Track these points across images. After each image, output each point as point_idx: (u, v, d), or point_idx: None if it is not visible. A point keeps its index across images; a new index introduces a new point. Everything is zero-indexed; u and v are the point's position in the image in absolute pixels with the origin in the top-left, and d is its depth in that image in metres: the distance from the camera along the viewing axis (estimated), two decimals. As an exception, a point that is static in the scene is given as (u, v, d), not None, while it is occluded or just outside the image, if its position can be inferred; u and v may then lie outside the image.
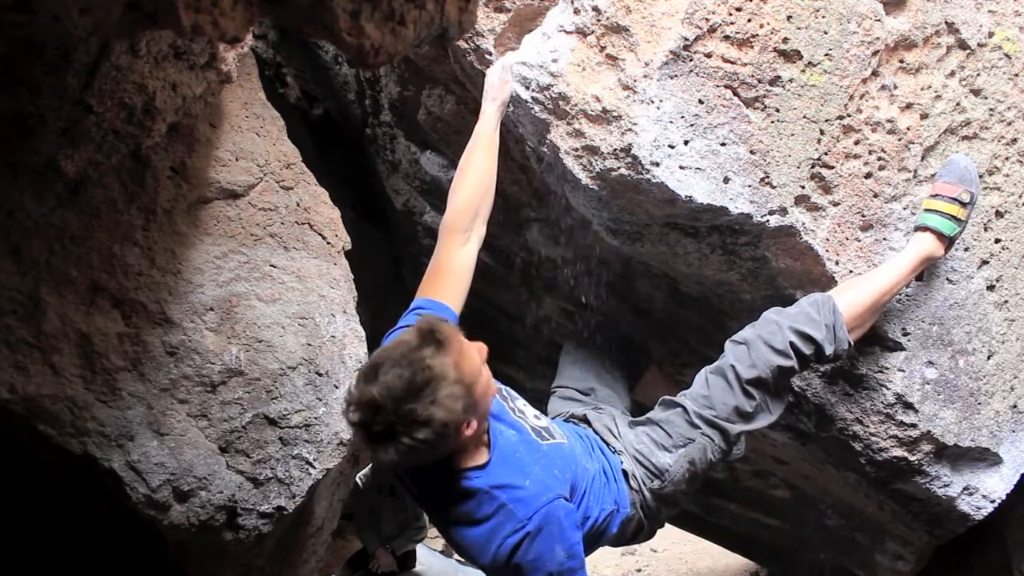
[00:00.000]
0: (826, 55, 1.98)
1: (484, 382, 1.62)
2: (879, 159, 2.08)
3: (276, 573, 2.66)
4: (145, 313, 2.12)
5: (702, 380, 2.02)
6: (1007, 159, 2.24)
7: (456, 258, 1.88)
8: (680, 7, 1.89)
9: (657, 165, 1.91)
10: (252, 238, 2.30)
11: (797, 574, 3.88)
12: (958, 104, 2.15)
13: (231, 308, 2.24)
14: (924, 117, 2.12)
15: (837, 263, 2.10)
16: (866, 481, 2.45)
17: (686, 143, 1.93)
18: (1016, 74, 2.20)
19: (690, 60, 1.91)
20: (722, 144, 1.95)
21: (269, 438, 2.29)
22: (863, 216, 2.10)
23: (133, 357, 2.11)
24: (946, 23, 2.10)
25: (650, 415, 2.05)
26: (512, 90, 1.99)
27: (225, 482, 2.22)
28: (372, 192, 3.62)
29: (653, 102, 1.91)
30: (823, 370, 2.27)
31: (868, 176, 2.09)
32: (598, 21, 1.92)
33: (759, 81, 1.94)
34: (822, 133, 2.02)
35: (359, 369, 1.57)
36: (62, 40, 1.43)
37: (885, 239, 2.14)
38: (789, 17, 1.93)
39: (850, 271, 2.11)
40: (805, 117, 1.99)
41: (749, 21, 1.92)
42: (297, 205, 2.40)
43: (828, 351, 1.98)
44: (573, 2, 1.95)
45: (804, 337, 1.95)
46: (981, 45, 2.15)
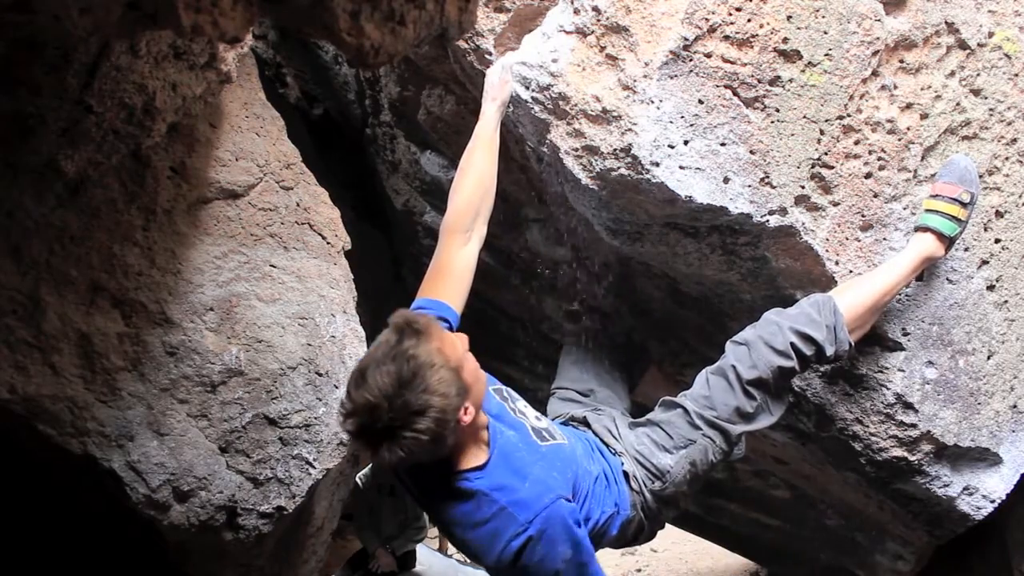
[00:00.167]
0: (826, 55, 1.98)
1: (471, 368, 1.63)
2: (879, 159, 2.08)
3: (276, 573, 2.66)
4: (145, 313, 2.12)
5: (703, 381, 2.02)
6: (1007, 159, 2.24)
7: (457, 258, 1.88)
8: (680, 7, 1.89)
9: (657, 165, 1.91)
10: (252, 238, 2.30)
11: (797, 574, 3.88)
12: (958, 104, 2.16)
13: (231, 308, 2.24)
14: (924, 117, 2.12)
15: (837, 263, 2.10)
16: (866, 481, 2.45)
17: (686, 143, 1.93)
18: (1016, 74, 2.20)
19: (690, 60, 1.91)
20: (722, 144, 1.95)
21: (269, 438, 2.29)
22: (863, 216, 2.10)
23: (133, 357, 2.11)
24: (946, 23, 2.10)
25: (650, 416, 2.05)
26: (512, 90, 1.99)
27: (225, 482, 2.22)
28: (372, 192, 3.62)
29: (653, 102, 1.91)
30: (823, 370, 2.27)
31: (868, 176, 2.09)
32: (598, 21, 1.92)
33: (759, 81, 1.94)
34: (822, 133, 2.02)
35: (349, 379, 1.57)
36: (62, 40, 1.43)
37: (885, 239, 2.14)
38: (789, 17, 1.94)
39: (850, 271, 2.11)
40: (805, 117, 1.99)
41: (749, 21, 1.92)
42: (297, 205, 2.40)
43: (829, 352, 1.98)
44: (573, 2, 1.95)
45: (805, 338, 1.95)
46: (981, 45, 2.15)
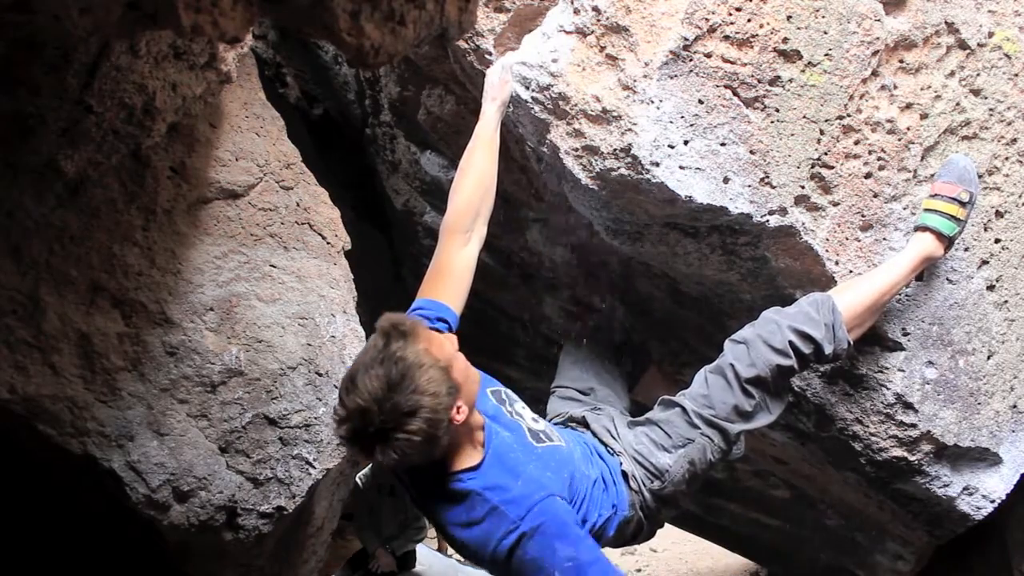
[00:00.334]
0: (826, 55, 1.98)
1: (461, 366, 1.63)
2: (879, 159, 2.08)
3: (276, 573, 2.66)
4: (145, 313, 2.12)
5: (701, 379, 2.02)
6: (1007, 159, 2.24)
7: (457, 259, 1.88)
8: (680, 7, 1.89)
9: (657, 165, 1.91)
10: (252, 238, 2.30)
11: (797, 574, 3.87)
12: (958, 104, 2.15)
13: (231, 308, 2.24)
14: (924, 117, 2.12)
15: (837, 263, 2.10)
16: (866, 481, 2.45)
17: (686, 143, 1.93)
18: (1016, 74, 2.20)
19: (690, 60, 1.91)
20: (722, 144, 1.95)
21: (269, 438, 2.29)
22: (863, 216, 2.10)
23: (133, 357, 2.11)
24: (946, 23, 2.10)
25: (649, 415, 2.05)
26: (512, 90, 1.99)
27: (225, 482, 2.22)
28: (372, 192, 3.62)
29: (653, 102, 1.91)
30: (823, 370, 2.27)
31: (868, 176, 2.09)
32: (598, 21, 1.92)
33: (759, 81, 1.94)
34: (822, 133, 2.02)
35: (340, 386, 1.58)
36: (62, 40, 1.43)
37: (885, 239, 2.14)
38: (789, 17, 1.94)
39: (850, 271, 2.11)
40: (805, 117, 1.99)
41: (749, 21, 1.92)
42: (297, 205, 2.40)
43: (827, 350, 1.98)
44: (573, 2, 1.95)
45: (803, 336, 1.95)
46: (981, 45, 2.15)
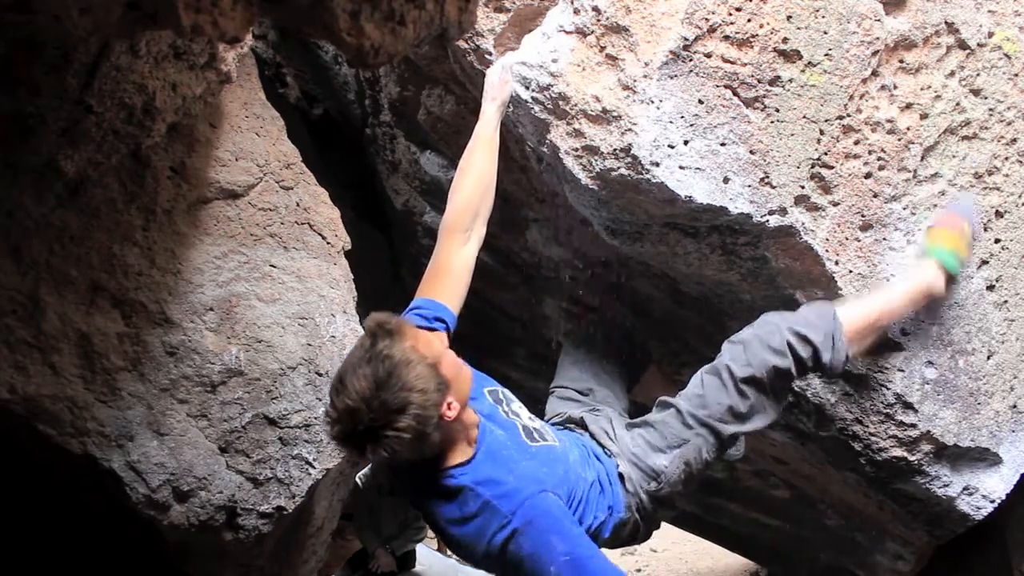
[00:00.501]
0: (826, 55, 1.98)
1: (450, 363, 1.62)
2: (879, 159, 2.08)
3: (276, 573, 2.66)
4: (145, 313, 2.12)
5: (697, 380, 2.01)
6: (1007, 159, 2.24)
7: (456, 258, 1.88)
8: (680, 7, 1.89)
9: (657, 165, 1.91)
10: (252, 238, 2.30)
11: (797, 574, 3.87)
12: (958, 104, 2.16)
13: (231, 308, 2.24)
14: (924, 117, 2.12)
15: (837, 263, 2.10)
16: (866, 481, 2.45)
17: (686, 143, 1.93)
18: (1016, 74, 2.20)
19: (690, 60, 1.91)
20: (722, 144, 1.95)
21: (269, 438, 2.29)
22: (863, 216, 2.10)
23: (133, 357, 2.11)
24: (946, 23, 2.10)
25: (646, 417, 2.04)
26: (512, 90, 1.99)
27: (225, 482, 2.22)
28: (372, 192, 3.62)
29: (653, 102, 1.91)
30: (823, 370, 2.27)
31: (868, 176, 2.09)
32: (598, 21, 1.92)
33: (759, 81, 1.94)
34: (822, 133, 2.02)
35: (329, 388, 1.58)
36: (62, 40, 1.43)
37: (885, 239, 2.14)
38: (789, 17, 1.94)
39: (850, 271, 2.11)
40: (805, 117, 1.99)
41: (749, 21, 1.92)
42: (297, 205, 2.40)
43: (825, 358, 1.96)
44: (573, 2, 1.95)
45: (802, 338, 1.94)
46: (981, 45, 2.15)
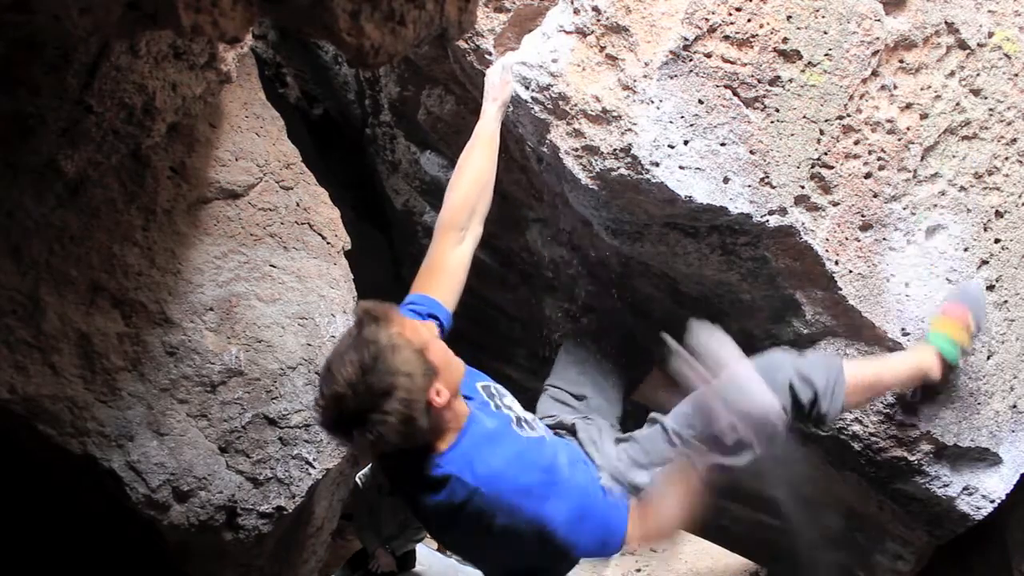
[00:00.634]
0: (826, 55, 1.98)
1: (438, 350, 1.61)
2: (879, 159, 2.08)
3: (276, 573, 2.66)
4: (145, 313, 2.12)
5: (689, 400, 1.97)
6: (1007, 159, 2.24)
7: (451, 256, 1.88)
8: (680, 7, 1.89)
9: (657, 165, 1.92)
10: (252, 238, 2.30)
11: (797, 574, 3.87)
12: (958, 104, 2.16)
13: (231, 308, 2.24)
14: (924, 117, 2.12)
15: (837, 263, 2.10)
16: (866, 481, 2.45)
17: (686, 143, 1.93)
18: (1016, 74, 2.20)
19: (690, 60, 1.91)
20: (722, 144, 1.95)
21: (269, 438, 2.29)
22: (863, 216, 2.10)
23: (133, 357, 2.11)
24: (946, 23, 2.10)
25: (633, 433, 2.02)
26: (512, 90, 1.99)
27: (225, 482, 2.22)
28: (372, 192, 3.62)
29: (653, 102, 1.91)
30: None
31: (868, 176, 2.09)
32: (598, 21, 1.92)
33: (759, 81, 1.94)
34: (822, 133, 2.02)
35: (319, 378, 1.58)
36: (62, 40, 1.43)
37: (885, 239, 2.14)
38: (789, 17, 1.94)
39: (850, 271, 2.11)
40: (805, 117, 1.99)
41: (749, 21, 1.92)
42: (297, 205, 2.40)
43: (823, 406, 1.92)
44: (573, 2, 1.95)
45: (806, 381, 1.89)
46: (981, 45, 2.15)
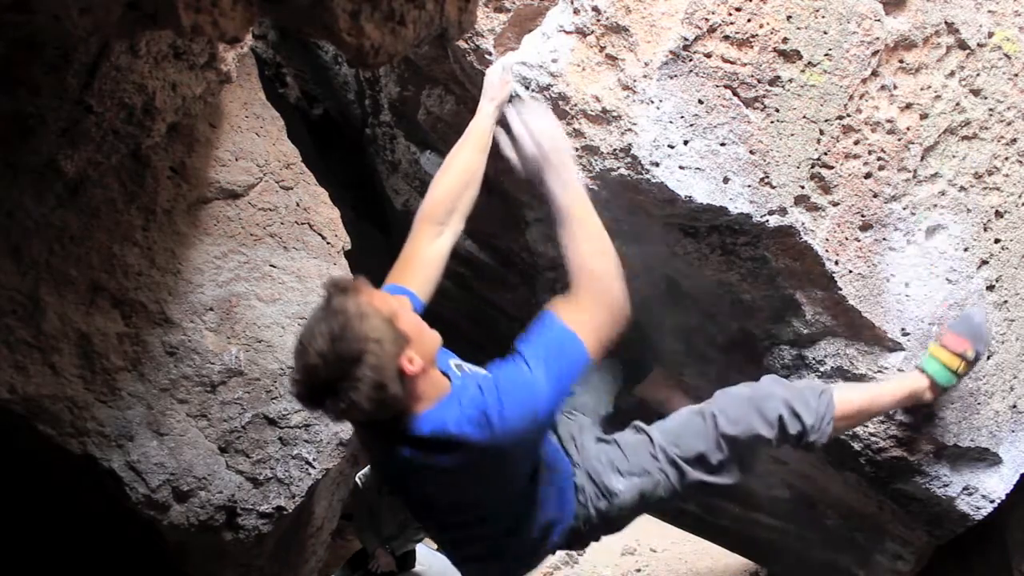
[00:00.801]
0: (826, 55, 1.98)
1: (409, 320, 1.60)
2: (879, 159, 2.08)
3: (276, 573, 2.66)
4: (145, 313, 2.12)
5: (679, 416, 2.00)
6: (1007, 159, 2.24)
7: (427, 249, 1.87)
8: (680, 7, 1.89)
9: (657, 165, 1.92)
10: (252, 238, 2.30)
11: (797, 574, 3.87)
12: (958, 104, 2.16)
13: (231, 308, 2.24)
14: (924, 117, 2.12)
15: (837, 263, 2.10)
16: (866, 481, 2.45)
17: (686, 143, 1.93)
18: (1016, 74, 2.20)
19: (690, 60, 1.91)
20: (722, 144, 1.95)
21: (269, 438, 2.29)
22: (863, 216, 2.10)
23: (133, 357, 2.11)
24: (946, 23, 2.10)
25: (617, 436, 2.02)
26: (512, 90, 1.98)
27: (225, 482, 2.22)
28: (372, 192, 3.62)
29: (653, 102, 1.91)
30: (822, 369, 2.27)
31: (868, 176, 2.09)
32: (598, 21, 1.92)
33: (759, 81, 1.94)
34: (822, 133, 2.02)
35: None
36: (62, 40, 1.43)
37: (885, 239, 2.14)
38: (789, 17, 1.94)
39: (850, 271, 2.11)
40: (805, 117, 1.99)
41: (749, 21, 1.92)
42: (297, 205, 2.40)
43: (810, 438, 1.98)
44: (573, 2, 1.95)
45: (795, 416, 1.95)
46: (981, 45, 2.15)
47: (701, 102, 1.93)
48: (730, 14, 1.91)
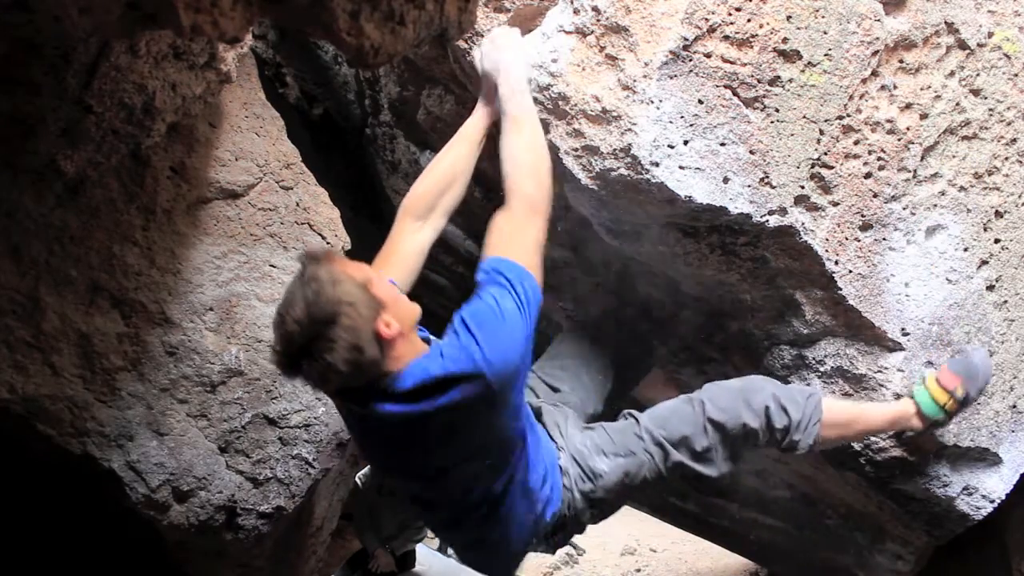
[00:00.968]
0: (826, 55, 1.98)
1: (386, 288, 1.63)
2: (879, 159, 2.08)
3: (276, 573, 2.66)
4: (145, 313, 2.12)
5: (669, 403, 2.03)
6: (1007, 159, 2.24)
7: (407, 242, 1.88)
8: (680, 7, 1.89)
9: (657, 165, 1.92)
10: (252, 238, 2.30)
11: (797, 574, 3.87)
12: (958, 104, 2.16)
13: (231, 308, 2.24)
14: (924, 117, 2.12)
15: (837, 263, 2.10)
16: (866, 481, 2.45)
17: (686, 143, 1.93)
18: (1016, 74, 2.20)
19: (690, 60, 1.91)
20: (722, 144, 1.95)
21: (269, 438, 2.29)
22: (863, 216, 2.10)
23: (133, 357, 2.11)
24: (946, 23, 2.10)
25: (604, 423, 2.05)
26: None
27: (225, 482, 2.22)
28: (372, 192, 3.62)
29: (653, 102, 1.91)
30: (822, 369, 2.27)
31: (868, 176, 2.09)
32: (598, 21, 1.92)
33: (759, 81, 1.94)
34: (822, 133, 2.02)
35: None
36: (62, 40, 1.43)
37: (884, 239, 2.14)
38: (789, 17, 1.94)
39: (849, 271, 2.11)
40: (805, 117, 1.99)
41: (749, 21, 1.92)
42: (297, 205, 2.40)
43: (795, 437, 2.00)
44: (573, 2, 1.95)
45: (783, 410, 1.98)
46: (981, 45, 2.15)
47: (701, 102, 1.93)
48: (730, 14, 1.91)
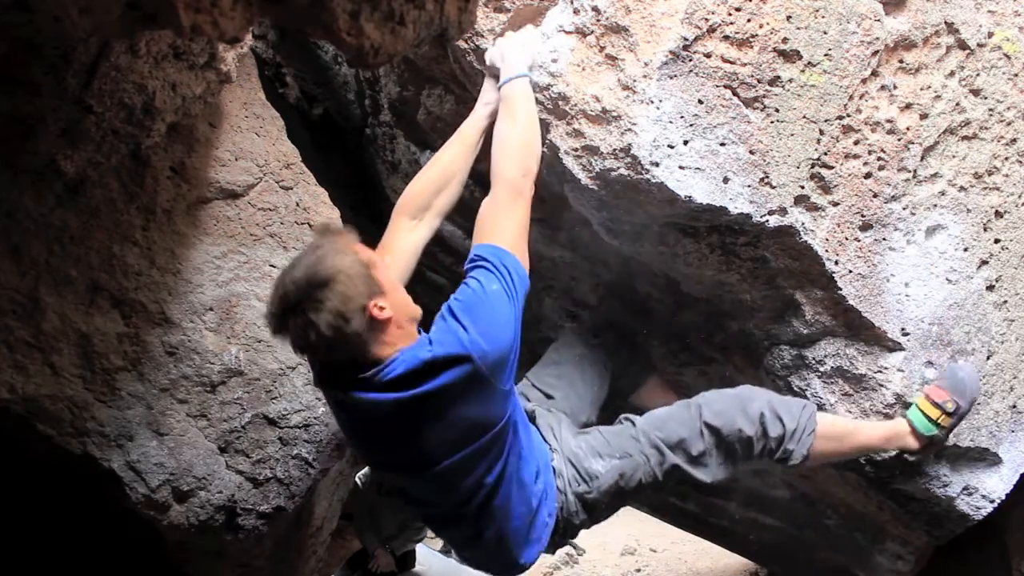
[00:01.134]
0: (826, 55, 1.98)
1: (387, 275, 1.66)
2: (879, 159, 2.08)
3: (276, 573, 2.66)
4: (145, 313, 2.12)
5: (667, 408, 2.05)
6: (1007, 159, 2.24)
7: (402, 239, 1.90)
8: (680, 7, 1.89)
9: (657, 165, 1.92)
10: (252, 238, 2.30)
11: (797, 574, 3.87)
12: (958, 104, 2.16)
13: (231, 308, 2.24)
14: (924, 117, 2.12)
15: (836, 263, 2.10)
16: (866, 481, 2.45)
17: (686, 143, 1.93)
18: (1016, 74, 2.20)
19: (690, 60, 1.91)
20: (722, 144, 1.95)
21: (269, 438, 2.29)
22: (863, 216, 2.10)
23: (133, 357, 2.11)
24: (946, 23, 2.10)
25: (599, 426, 2.07)
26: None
27: (224, 482, 2.22)
28: (372, 192, 3.62)
29: (653, 102, 1.91)
30: (822, 369, 2.27)
31: (868, 176, 2.09)
32: (598, 21, 1.92)
33: (759, 81, 1.94)
34: (822, 133, 2.02)
35: None
36: (62, 40, 1.43)
37: (884, 239, 2.14)
38: (789, 17, 1.94)
39: (849, 271, 2.11)
40: (805, 117, 1.99)
41: (749, 21, 1.92)
42: (297, 205, 2.40)
43: (789, 446, 2.02)
44: (573, 2, 1.95)
45: (777, 418, 2.01)
46: (981, 45, 2.15)
47: (701, 102, 1.93)
48: (730, 14, 1.91)
